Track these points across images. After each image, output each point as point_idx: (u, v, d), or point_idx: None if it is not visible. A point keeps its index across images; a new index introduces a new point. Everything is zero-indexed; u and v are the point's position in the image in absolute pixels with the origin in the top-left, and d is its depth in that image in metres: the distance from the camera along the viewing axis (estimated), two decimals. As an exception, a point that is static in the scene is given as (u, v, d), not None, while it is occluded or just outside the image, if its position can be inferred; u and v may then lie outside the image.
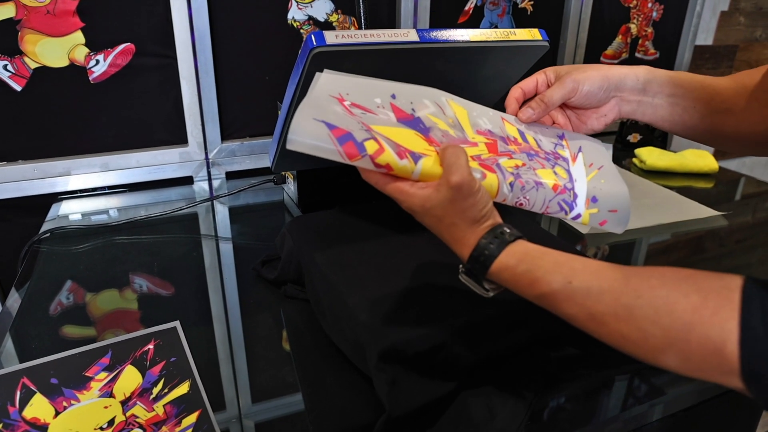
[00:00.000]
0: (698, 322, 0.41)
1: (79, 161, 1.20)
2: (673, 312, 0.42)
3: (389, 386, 0.59)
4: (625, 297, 0.45)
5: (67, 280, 0.91)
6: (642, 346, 0.44)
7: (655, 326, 0.43)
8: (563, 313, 0.49)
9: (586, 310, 0.47)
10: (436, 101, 0.65)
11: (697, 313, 0.41)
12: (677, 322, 0.42)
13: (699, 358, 0.41)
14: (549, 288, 0.49)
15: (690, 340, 0.41)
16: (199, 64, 1.21)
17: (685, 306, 0.42)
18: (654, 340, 0.43)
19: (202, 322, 0.82)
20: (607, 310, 0.45)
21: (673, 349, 0.42)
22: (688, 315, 0.41)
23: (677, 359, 0.42)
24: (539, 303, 0.51)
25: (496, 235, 0.53)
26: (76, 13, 1.10)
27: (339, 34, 0.66)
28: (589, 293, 0.47)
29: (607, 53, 1.77)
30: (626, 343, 0.45)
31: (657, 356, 0.43)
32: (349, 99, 0.58)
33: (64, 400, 0.64)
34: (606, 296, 0.46)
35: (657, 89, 0.67)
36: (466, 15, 1.49)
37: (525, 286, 0.51)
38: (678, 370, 0.43)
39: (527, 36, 0.80)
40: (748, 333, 0.39)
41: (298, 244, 0.83)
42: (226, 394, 0.69)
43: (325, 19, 1.32)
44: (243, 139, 1.33)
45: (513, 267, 0.52)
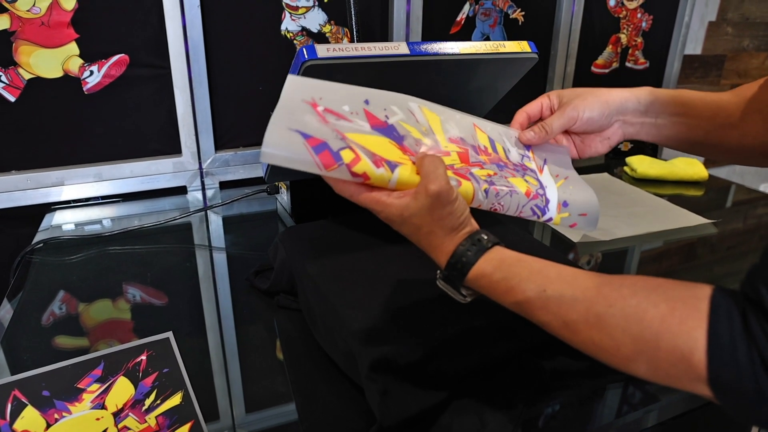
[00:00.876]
0: (666, 331, 0.41)
1: (72, 171, 1.20)
2: (642, 321, 0.43)
3: (380, 396, 0.59)
4: (597, 306, 0.46)
5: (59, 291, 0.91)
6: (614, 354, 0.45)
7: (625, 335, 0.43)
8: (538, 320, 0.50)
9: (559, 318, 0.48)
10: (407, 107, 0.64)
11: (665, 322, 0.42)
12: (646, 330, 0.42)
13: (667, 365, 0.42)
14: (524, 296, 0.50)
15: (659, 348, 0.42)
16: (193, 74, 1.22)
17: (654, 315, 0.42)
18: (624, 349, 0.44)
19: (195, 332, 0.82)
20: (579, 318, 0.46)
21: (643, 357, 0.43)
22: (657, 324, 0.42)
23: (647, 367, 0.43)
24: (515, 310, 0.52)
25: (474, 242, 0.54)
26: (70, 25, 1.11)
27: (330, 48, 0.67)
28: (562, 301, 0.48)
29: (598, 63, 1.79)
30: (598, 350, 0.46)
31: (627, 364, 0.44)
32: (322, 104, 0.57)
33: (56, 413, 0.64)
34: (579, 305, 0.47)
35: (660, 110, 0.67)
36: (458, 26, 1.51)
37: (501, 294, 0.52)
38: (648, 377, 0.44)
39: (516, 48, 0.81)
40: (714, 341, 0.39)
41: (291, 255, 0.83)
42: (220, 405, 0.69)
43: (318, 30, 1.33)
44: (237, 149, 1.34)
45: (489, 274, 0.52)
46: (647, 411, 0.69)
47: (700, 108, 0.67)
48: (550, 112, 0.71)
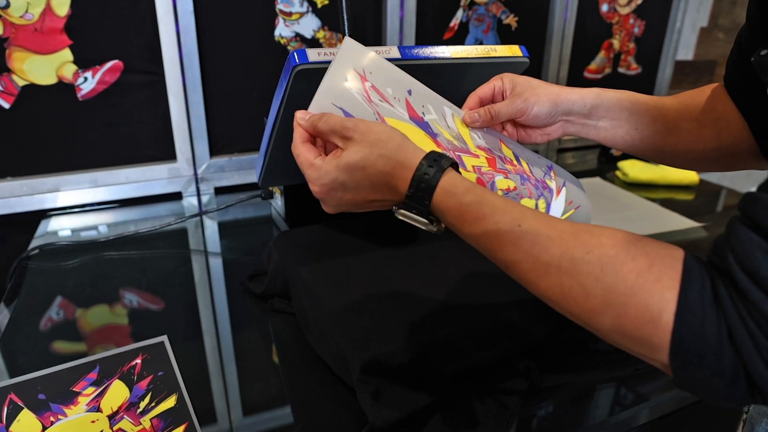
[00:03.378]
0: (640, 287, 0.39)
1: (68, 178, 1.21)
2: (618, 272, 0.40)
3: (372, 398, 0.60)
4: (574, 250, 0.43)
5: (55, 296, 0.92)
6: (581, 304, 0.42)
7: (597, 284, 0.41)
8: (505, 258, 0.46)
9: (531, 257, 0.44)
10: (441, 111, 0.64)
11: (641, 276, 0.39)
12: (621, 283, 0.40)
13: (634, 325, 0.39)
14: (496, 227, 0.46)
15: (629, 303, 0.39)
16: (187, 80, 1.22)
17: (631, 268, 0.40)
18: (593, 300, 0.41)
19: (191, 336, 0.82)
20: (552, 261, 0.43)
21: (611, 311, 0.40)
22: (633, 277, 0.39)
23: (612, 323, 0.40)
24: (478, 242, 0.48)
25: (435, 158, 0.50)
26: (63, 31, 1.12)
27: (321, 52, 0.68)
28: (537, 240, 0.44)
29: (591, 68, 1.80)
30: (564, 299, 0.43)
31: (593, 317, 0.41)
32: (371, 80, 0.57)
33: (52, 415, 0.65)
34: (554, 246, 0.43)
35: (602, 113, 0.68)
36: (452, 31, 1.52)
37: (469, 220, 0.47)
38: (609, 334, 0.41)
39: (508, 52, 0.81)
40: (684, 306, 0.37)
41: (284, 259, 0.84)
42: (218, 408, 0.69)
43: (312, 36, 1.34)
44: (231, 155, 1.35)
45: (460, 195, 0.48)
46: (637, 410, 0.70)
47: (642, 113, 0.67)
48: (502, 96, 0.69)
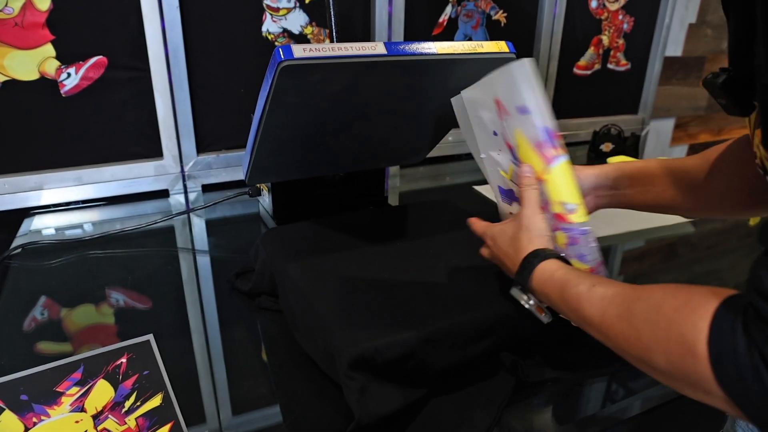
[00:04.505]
0: (676, 320, 0.42)
1: (51, 175, 1.19)
2: (660, 309, 0.43)
3: (358, 394, 0.59)
4: (630, 298, 0.48)
5: (39, 296, 0.90)
6: (635, 345, 0.45)
7: (645, 324, 0.44)
8: (582, 314, 0.53)
9: (600, 311, 0.50)
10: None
11: (678, 311, 0.42)
12: (662, 319, 0.43)
13: (678, 359, 0.41)
14: (576, 289, 0.54)
15: (670, 338, 0.42)
16: (173, 76, 1.21)
17: (671, 304, 0.43)
18: (644, 338, 0.44)
19: (178, 335, 0.82)
20: (615, 312, 0.48)
21: (659, 348, 0.43)
22: (671, 312, 0.42)
23: (663, 359, 0.43)
24: (564, 305, 0.56)
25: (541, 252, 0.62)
26: (45, 26, 1.10)
27: (307, 48, 0.67)
28: (605, 295, 0.51)
29: (580, 64, 1.80)
30: (625, 343, 0.47)
31: (648, 356, 0.44)
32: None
33: (34, 416, 0.64)
34: (617, 298, 0.49)
35: (627, 183, 0.74)
36: (441, 27, 1.51)
37: (557, 288, 0.57)
38: (667, 375, 0.43)
39: (495, 48, 0.81)
40: (716, 334, 0.39)
41: (271, 256, 0.83)
42: (207, 407, 0.69)
43: (300, 32, 1.33)
44: (219, 152, 1.34)
45: (552, 271, 0.59)
46: (626, 404, 0.70)
47: (666, 176, 0.71)
48: None
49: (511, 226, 0.66)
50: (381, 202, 1.17)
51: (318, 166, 1.02)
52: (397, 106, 0.89)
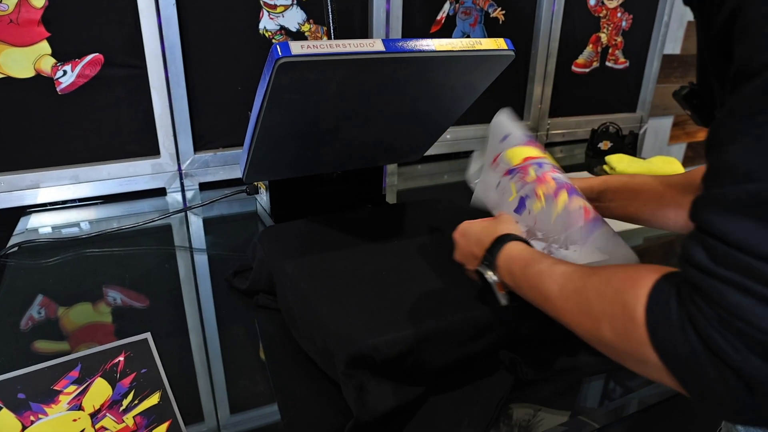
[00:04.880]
0: (622, 289, 0.44)
1: (48, 173, 1.19)
2: (610, 282, 0.46)
3: (357, 392, 0.59)
4: (587, 273, 0.51)
5: (36, 294, 0.90)
6: (586, 317, 0.48)
7: (596, 295, 0.47)
8: (542, 289, 0.55)
9: (559, 285, 0.53)
10: None
11: (625, 281, 0.44)
12: (610, 289, 0.45)
13: (621, 325, 0.43)
14: (538, 266, 0.57)
15: (615, 306, 0.44)
16: (170, 74, 1.21)
17: (620, 277, 0.45)
18: (595, 310, 0.46)
19: (176, 333, 0.81)
20: (572, 286, 0.51)
21: (606, 317, 0.45)
22: (619, 283, 0.45)
23: (609, 329, 0.45)
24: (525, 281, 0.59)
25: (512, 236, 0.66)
26: (41, 23, 1.09)
27: (305, 45, 0.67)
28: (565, 272, 0.53)
29: (578, 62, 1.80)
30: (579, 316, 0.49)
31: (597, 327, 0.46)
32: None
33: (32, 415, 0.64)
34: (575, 274, 0.52)
35: (611, 196, 0.79)
36: (438, 24, 1.51)
37: (521, 264, 0.60)
38: (612, 341, 0.45)
39: (493, 45, 0.81)
40: (653, 300, 0.41)
41: (269, 254, 0.83)
42: (205, 406, 0.68)
43: (297, 29, 1.32)
44: (216, 150, 1.33)
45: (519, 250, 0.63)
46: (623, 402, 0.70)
47: (648, 192, 0.76)
48: None
49: (483, 220, 0.72)
50: (379, 200, 1.17)
51: (316, 163, 1.02)
52: (395, 103, 0.89)
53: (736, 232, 0.36)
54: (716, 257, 0.37)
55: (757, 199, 0.35)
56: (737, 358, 0.36)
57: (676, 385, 0.41)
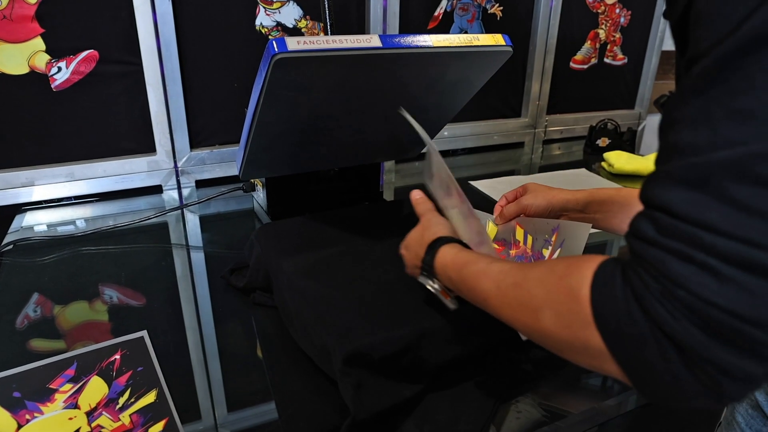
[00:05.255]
0: (566, 274, 0.44)
1: (43, 171, 1.18)
2: (554, 270, 0.46)
3: (354, 389, 0.59)
4: (526, 267, 0.51)
5: (31, 293, 0.90)
6: (527, 307, 0.48)
7: (538, 283, 0.47)
8: (480, 288, 0.55)
9: (496, 282, 0.53)
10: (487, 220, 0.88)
11: (570, 267, 0.45)
12: (554, 276, 0.46)
13: (565, 307, 0.43)
14: (475, 266, 0.57)
15: (559, 290, 0.44)
16: (166, 71, 1.20)
17: (564, 264, 0.46)
18: (536, 299, 0.47)
19: (173, 331, 0.81)
20: (511, 281, 0.51)
21: (548, 303, 0.45)
22: (563, 269, 0.45)
23: (551, 315, 0.45)
24: (463, 283, 0.59)
25: (444, 239, 0.65)
26: (34, 19, 1.08)
27: (301, 40, 0.66)
28: (503, 269, 0.54)
29: (576, 58, 1.80)
30: (518, 308, 0.49)
31: (538, 316, 0.46)
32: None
33: (27, 413, 0.63)
34: (513, 269, 0.52)
35: (596, 208, 0.82)
36: (436, 20, 1.51)
37: (457, 267, 0.60)
38: (553, 330, 0.45)
39: (491, 41, 0.81)
40: (598, 279, 0.41)
41: (266, 252, 0.83)
42: (202, 404, 0.68)
43: (294, 25, 1.32)
44: (212, 147, 1.33)
45: (453, 253, 0.62)
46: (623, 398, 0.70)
47: (630, 206, 0.78)
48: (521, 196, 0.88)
49: (416, 229, 0.71)
50: (376, 197, 1.17)
51: (312, 160, 1.01)
52: (392, 99, 0.88)
53: (680, 204, 0.36)
54: (661, 228, 0.38)
55: (700, 171, 0.36)
56: (677, 327, 0.36)
57: (616, 369, 0.41)
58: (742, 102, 0.34)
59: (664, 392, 0.39)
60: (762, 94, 0.34)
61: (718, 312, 0.34)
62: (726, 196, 0.34)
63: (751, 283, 0.34)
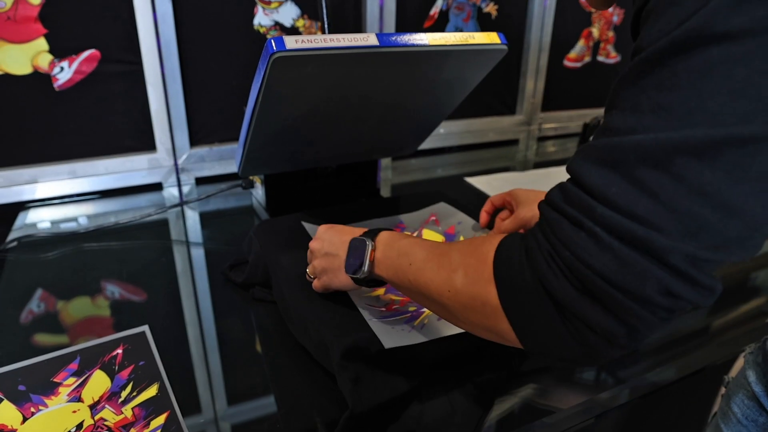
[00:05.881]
0: (482, 242, 0.49)
1: (46, 169, 1.19)
2: (473, 241, 0.51)
3: (352, 383, 0.60)
4: (447, 245, 0.55)
5: (35, 289, 0.91)
6: (444, 270, 0.51)
7: (459, 252, 0.51)
8: (406, 259, 0.57)
9: (423, 251, 0.56)
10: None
11: (487, 238, 0.49)
12: (471, 246, 0.50)
13: (473, 269, 0.48)
14: (406, 240, 0.60)
15: (472, 254, 0.49)
16: (166, 70, 1.21)
17: (482, 239, 0.50)
18: (454, 263, 0.51)
19: (174, 326, 0.82)
20: (435, 252, 0.55)
21: (462, 267, 0.49)
22: (480, 241, 0.50)
23: (462, 275, 0.49)
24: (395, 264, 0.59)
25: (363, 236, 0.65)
26: (38, 20, 1.10)
27: (299, 39, 0.67)
28: (433, 243, 0.57)
29: (570, 57, 1.81)
30: (437, 272, 0.52)
31: (450, 275, 0.50)
32: None
33: (32, 406, 0.64)
34: (442, 245, 0.56)
35: (514, 206, 0.86)
36: (432, 20, 1.52)
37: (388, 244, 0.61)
38: (460, 288, 0.49)
39: (486, 39, 0.82)
40: (502, 244, 0.46)
41: (265, 247, 0.84)
42: (202, 397, 0.69)
43: (292, 25, 1.33)
44: (212, 145, 1.34)
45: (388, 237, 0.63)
46: (616, 391, 0.71)
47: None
48: (509, 204, 0.90)
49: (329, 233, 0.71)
50: (373, 193, 1.18)
51: (310, 158, 1.02)
52: (389, 97, 0.90)
53: (589, 177, 0.39)
54: (566, 196, 0.41)
55: (612, 149, 0.39)
56: (555, 284, 0.40)
57: (506, 327, 0.45)
58: (665, 97, 0.37)
59: (545, 346, 0.43)
60: (682, 92, 0.36)
61: (592, 274, 0.38)
62: (630, 175, 0.37)
63: (624, 253, 0.37)
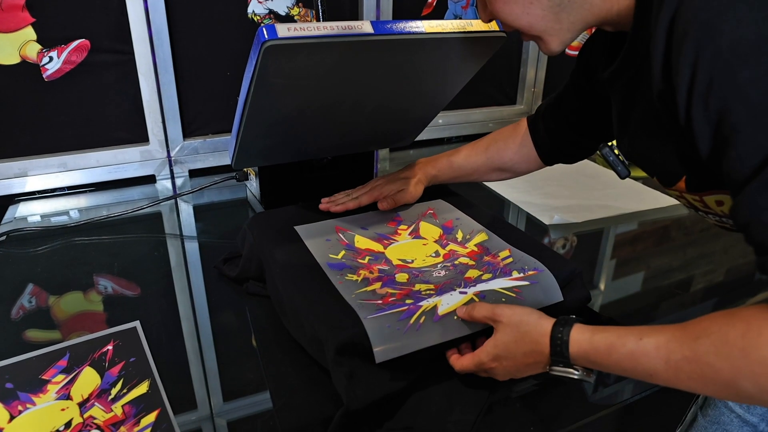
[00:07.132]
0: (749, 346, 0.45)
1: (36, 161, 1.18)
2: (728, 341, 0.47)
3: (347, 379, 0.59)
4: (687, 339, 0.50)
5: (25, 283, 0.90)
6: (714, 380, 0.48)
7: (718, 358, 0.47)
8: (644, 369, 0.53)
9: (662, 360, 0.51)
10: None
11: (746, 337, 0.46)
12: (734, 349, 0.46)
13: (765, 378, 0.45)
14: (625, 349, 0.53)
15: (751, 363, 0.45)
16: (158, 59, 1.19)
17: (736, 333, 0.46)
18: (725, 372, 0.47)
19: (167, 321, 0.81)
20: (678, 356, 0.50)
21: (743, 375, 0.46)
22: (740, 340, 0.46)
23: (751, 384, 0.46)
24: (620, 367, 0.55)
25: (564, 321, 0.59)
26: (25, 8, 1.08)
27: (291, 27, 0.65)
28: (659, 344, 0.51)
29: (572, 45, 1.79)
30: (701, 381, 0.49)
31: (734, 384, 0.47)
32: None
33: (20, 404, 0.63)
34: (672, 343, 0.50)
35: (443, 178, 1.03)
36: (430, 7, 1.50)
37: (604, 354, 0.56)
38: (757, 395, 0.46)
39: (484, 27, 0.80)
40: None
41: (259, 241, 0.83)
42: (197, 394, 0.68)
43: (287, 13, 1.31)
44: (206, 137, 1.32)
45: (588, 339, 0.57)
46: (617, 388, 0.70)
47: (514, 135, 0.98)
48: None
49: (504, 335, 0.62)
50: (371, 185, 1.16)
51: (305, 149, 1.01)
52: (385, 87, 0.88)
53: None
54: None
55: None
56: None
57: None
58: None
59: None
60: None
61: None
62: None
63: None
